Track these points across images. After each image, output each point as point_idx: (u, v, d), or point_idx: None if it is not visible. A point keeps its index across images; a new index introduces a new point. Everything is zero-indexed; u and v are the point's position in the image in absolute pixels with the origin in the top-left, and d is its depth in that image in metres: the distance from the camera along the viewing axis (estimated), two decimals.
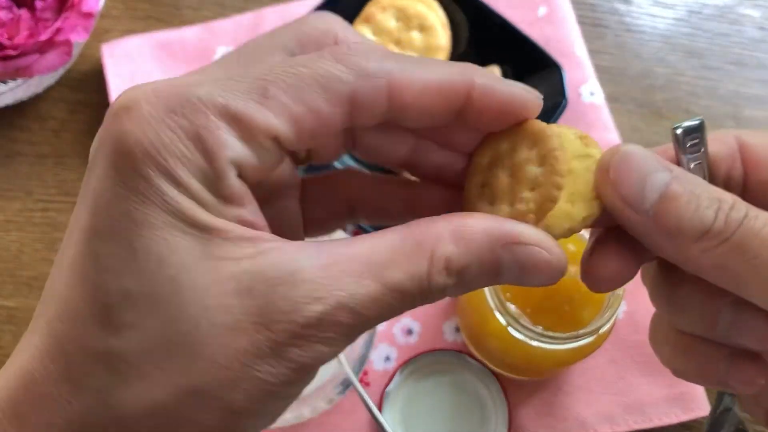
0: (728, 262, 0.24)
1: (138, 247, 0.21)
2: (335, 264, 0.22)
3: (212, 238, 0.21)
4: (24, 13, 0.58)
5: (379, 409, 0.55)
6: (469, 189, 0.27)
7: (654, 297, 0.30)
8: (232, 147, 0.22)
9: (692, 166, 0.26)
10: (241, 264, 0.21)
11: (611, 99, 0.64)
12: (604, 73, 0.65)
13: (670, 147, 0.27)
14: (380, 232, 0.23)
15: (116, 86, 0.64)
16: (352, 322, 0.22)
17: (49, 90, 0.65)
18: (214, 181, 0.22)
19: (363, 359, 0.53)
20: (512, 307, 0.47)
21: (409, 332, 0.58)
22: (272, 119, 0.22)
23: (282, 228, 0.27)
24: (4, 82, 0.60)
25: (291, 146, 0.23)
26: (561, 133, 0.27)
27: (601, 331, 0.47)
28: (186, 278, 0.21)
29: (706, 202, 0.24)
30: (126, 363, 0.21)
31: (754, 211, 0.24)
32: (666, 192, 0.24)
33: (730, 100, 0.65)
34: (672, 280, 0.28)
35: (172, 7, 0.68)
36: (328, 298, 0.21)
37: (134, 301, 0.21)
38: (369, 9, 0.62)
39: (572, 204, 0.25)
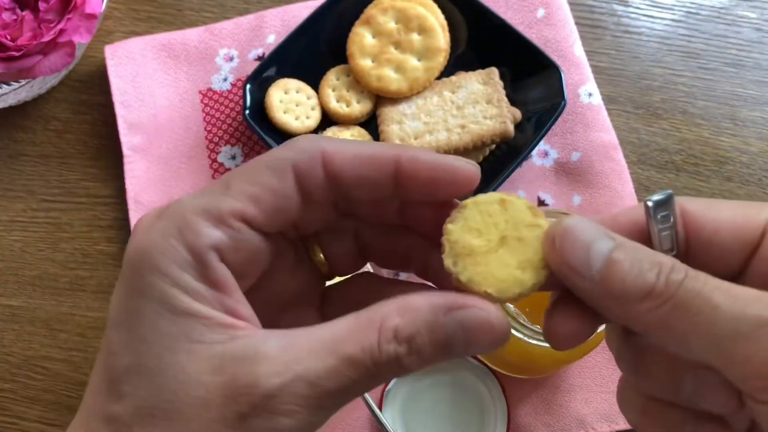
0: (672, 320, 0.25)
1: (135, 333, 0.26)
2: (296, 344, 0.26)
3: (193, 324, 0.26)
4: (27, 14, 0.59)
5: (379, 407, 0.55)
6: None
7: (619, 363, 0.31)
8: (208, 234, 0.26)
9: (663, 235, 0.28)
10: (214, 347, 0.26)
11: (609, 100, 0.65)
12: (601, 74, 0.65)
13: (619, 214, 0.29)
14: (339, 318, 0.27)
15: (119, 87, 0.64)
16: (311, 393, 0.25)
17: (52, 91, 0.66)
18: (199, 269, 0.26)
19: None
20: (511, 306, 0.47)
21: None
22: (234, 203, 0.27)
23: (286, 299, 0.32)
24: (8, 83, 0.60)
25: (260, 223, 0.28)
26: (513, 202, 0.29)
27: (599, 329, 0.47)
28: (169, 357, 0.25)
29: (648, 265, 0.26)
30: (124, 424, 0.25)
31: (693, 272, 0.26)
32: (609, 258, 0.26)
33: (727, 101, 0.65)
34: (636, 346, 0.30)
35: (174, 9, 0.68)
36: (287, 372, 0.25)
37: (131, 375, 0.26)
38: (369, 11, 0.62)
39: (522, 271, 0.28)
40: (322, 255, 0.33)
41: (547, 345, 0.47)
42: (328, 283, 0.34)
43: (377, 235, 0.33)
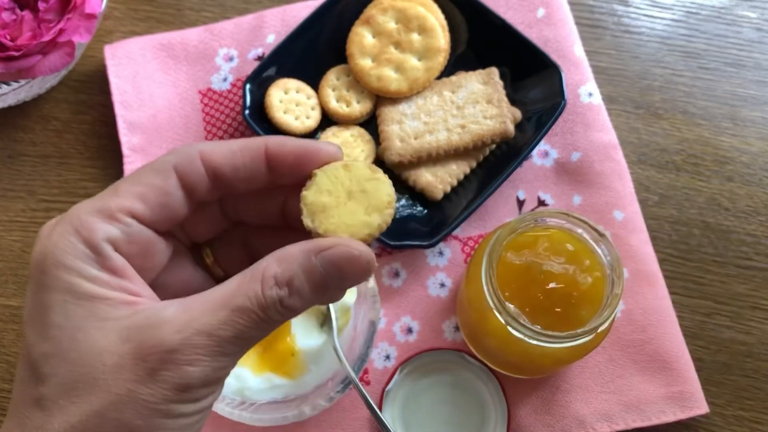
0: None
1: (47, 322, 0.29)
2: (193, 307, 0.30)
3: (97, 305, 0.29)
4: (27, 14, 0.58)
5: (379, 407, 0.55)
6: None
7: None
8: (102, 229, 0.30)
9: None
10: (120, 322, 0.29)
11: (609, 100, 0.65)
12: (602, 74, 0.65)
13: None
14: (228, 280, 0.31)
15: (118, 87, 0.64)
16: (210, 343, 0.29)
17: (51, 91, 0.66)
18: (97, 259, 0.30)
19: (363, 358, 0.54)
20: (511, 306, 0.47)
21: (409, 331, 0.58)
22: (122, 201, 0.31)
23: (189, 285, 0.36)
24: (7, 83, 0.60)
25: (148, 217, 0.31)
26: (354, 164, 0.34)
27: (600, 330, 0.47)
28: (81, 335, 0.29)
29: None
30: (50, 401, 0.29)
31: None
32: None
33: (727, 101, 0.65)
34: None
35: (174, 9, 0.68)
36: (186, 329, 0.29)
37: (49, 358, 0.29)
38: (369, 11, 0.62)
39: (369, 215, 0.33)
40: (212, 259, 0.37)
41: (547, 345, 0.47)
42: None
43: (264, 237, 0.37)
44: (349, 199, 0.33)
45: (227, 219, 0.36)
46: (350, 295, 0.55)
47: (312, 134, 0.63)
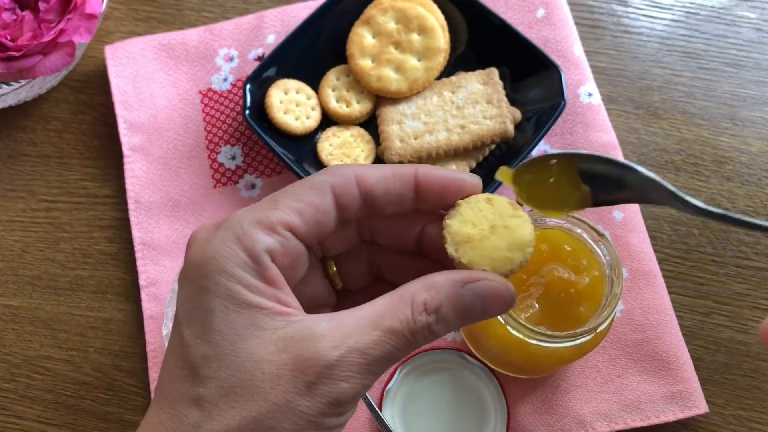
0: None
1: (207, 326, 0.31)
2: (344, 323, 0.31)
3: (256, 314, 0.31)
4: (27, 14, 0.59)
5: (379, 407, 0.55)
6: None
7: None
8: (262, 240, 0.31)
9: None
10: (277, 332, 0.30)
11: (608, 100, 0.65)
12: (601, 74, 0.66)
13: None
14: (375, 299, 0.32)
15: (119, 87, 0.64)
16: (364, 361, 0.30)
17: (52, 91, 0.66)
18: (256, 268, 0.31)
19: None
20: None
21: None
22: (282, 215, 0.32)
23: (315, 299, 0.38)
24: (8, 83, 0.60)
25: (303, 232, 0.33)
26: (497, 199, 0.35)
27: (599, 329, 0.47)
28: (241, 343, 0.30)
29: None
30: (210, 403, 0.30)
31: None
32: None
33: (726, 102, 0.65)
34: None
35: (174, 9, 0.68)
36: (342, 345, 0.30)
37: (210, 361, 0.30)
38: (369, 11, 0.62)
39: (511, 251, 0.34)
40: (334, 270, 0.38)
41: (547, 345, 0.47)
42: None
43: (390, 258, 0.38)
44: (492, 233, 0.34)
45: (360, 237, 0.38)
46: None
47: (312, 134, 0.63)
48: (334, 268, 0.38)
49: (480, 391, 0.56)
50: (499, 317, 0.47)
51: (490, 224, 0.34)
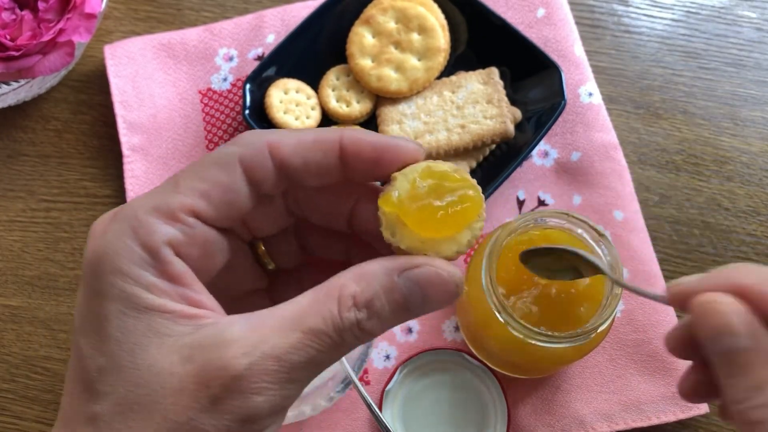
0: None
1: (103, 335, 0.27)
2: (261, 325, 0.27)
3: (156, 318, 0.27)
4: (27, 14, 0.58)
5: (379, 407, 0.55)
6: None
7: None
8: (161, 231, 0.27)
9: None
10: (182, 339, 0.27)
11: (609, 100, 0.65)
12: (602, 74, 0.65)
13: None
14: (300, 295, 0.28)
15: (118, 87, 0.64)
16: (280, 369, 0.26)
17: (51, 91, 0.66)
18: (156, 265, 0.27)
19: (363, 358, 0.53)
20: (511, 306, 0.47)
21: (409, 331, 0.58)
22: (184, 199, 0.28)
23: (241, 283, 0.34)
24: (7, 83, 0.60)
25: (211, 217, 0.29)
26: (438, 167, 0.30)
27: (600, 329, 0.47)
28: (140, 353, 0.26)
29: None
30: (104, 422, 0.26)
31: None
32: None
33: (727, 101, 0.65)
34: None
35: (174, 9, 0.68)
36: (254, 352, 0.26)
37: (106, 375, 0.27)
38: (369, 11, 0.62)
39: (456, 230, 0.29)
40: (263, 249, 0.34)
41: (547, 345, 0.47)
42: None
43: (322, 236, 0.34)
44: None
45: (290, 213, 0.33)
46: None
47: None
48: (263, 248, 0.34)
49: (480, 391, 0.56)
50: (499, 317, 0.47)
51: (432, 199, 0.29)
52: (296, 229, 0.34)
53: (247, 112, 0.60)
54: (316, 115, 0.62)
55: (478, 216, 0.29)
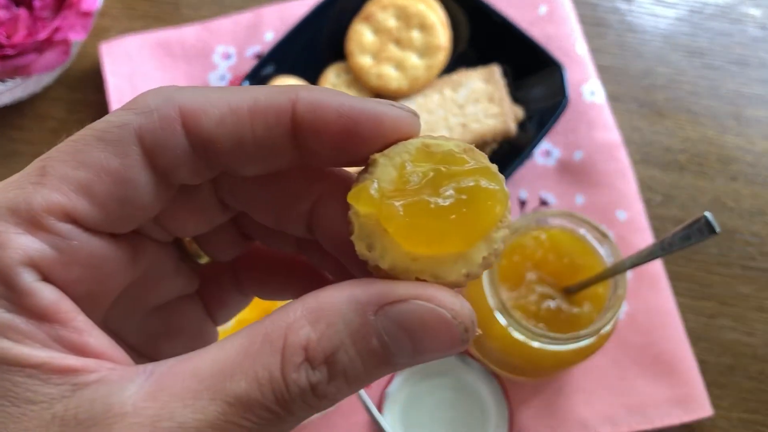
0: None
1: None
2: (165, 388, 0.18)
3: (17, 378, 0.18)
4: (22, 12, 0.58)
5: (379, 410, 0.55)
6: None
7: None
8: (17, 245, 0.18)
9: None
10: (52, 407, 0.18)
11: (612, 98, 0.64)
12: (605, 73, 0.65)
13: None
14: (227, 338, 0.19)
15: (115, 85, 0.63)
16: None
17: (47, 89, 0.65)
18: (12, 297, 0.18)
19: None
20: (511, 306, 0.47)
21: None
22: (52, 196, 0.19)
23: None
24: (3, 82, 0.59)
25: (96, 221, 0.19)
26: (440, 146, 0.21)
27: (603, 331, 0.47)
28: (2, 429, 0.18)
29: None
30: None
31: None
32: None
33: (731, 100, 0.64)
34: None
35: (171, 6, 0.68)
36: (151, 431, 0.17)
37: None
38: (369, 8, 0.62)
39: (466, 243, 0.19)
40: (190, 239, 0.25)
41: (549, 347, 0.46)
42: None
43: (269, 239, 0.25)
44: (435, 211, 0.19)
45: (228, 209, 0.24)
46: None
47: None
48: (193, 244, 0.25)
49: (481, 394, 0.55)
50: (500, 318, 0.46)
51: (429, 195, 0.19)
52: (236, 215, 0.25)
53: None
54: None
55: (500, 221, 0.19)
